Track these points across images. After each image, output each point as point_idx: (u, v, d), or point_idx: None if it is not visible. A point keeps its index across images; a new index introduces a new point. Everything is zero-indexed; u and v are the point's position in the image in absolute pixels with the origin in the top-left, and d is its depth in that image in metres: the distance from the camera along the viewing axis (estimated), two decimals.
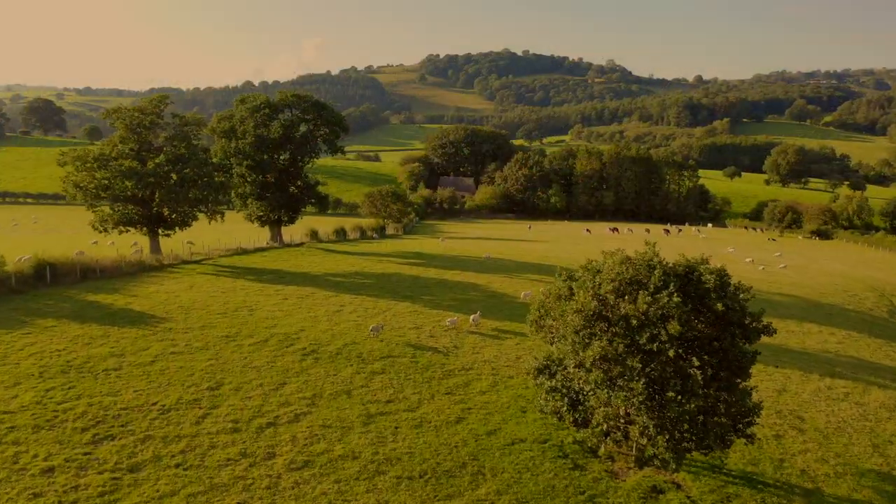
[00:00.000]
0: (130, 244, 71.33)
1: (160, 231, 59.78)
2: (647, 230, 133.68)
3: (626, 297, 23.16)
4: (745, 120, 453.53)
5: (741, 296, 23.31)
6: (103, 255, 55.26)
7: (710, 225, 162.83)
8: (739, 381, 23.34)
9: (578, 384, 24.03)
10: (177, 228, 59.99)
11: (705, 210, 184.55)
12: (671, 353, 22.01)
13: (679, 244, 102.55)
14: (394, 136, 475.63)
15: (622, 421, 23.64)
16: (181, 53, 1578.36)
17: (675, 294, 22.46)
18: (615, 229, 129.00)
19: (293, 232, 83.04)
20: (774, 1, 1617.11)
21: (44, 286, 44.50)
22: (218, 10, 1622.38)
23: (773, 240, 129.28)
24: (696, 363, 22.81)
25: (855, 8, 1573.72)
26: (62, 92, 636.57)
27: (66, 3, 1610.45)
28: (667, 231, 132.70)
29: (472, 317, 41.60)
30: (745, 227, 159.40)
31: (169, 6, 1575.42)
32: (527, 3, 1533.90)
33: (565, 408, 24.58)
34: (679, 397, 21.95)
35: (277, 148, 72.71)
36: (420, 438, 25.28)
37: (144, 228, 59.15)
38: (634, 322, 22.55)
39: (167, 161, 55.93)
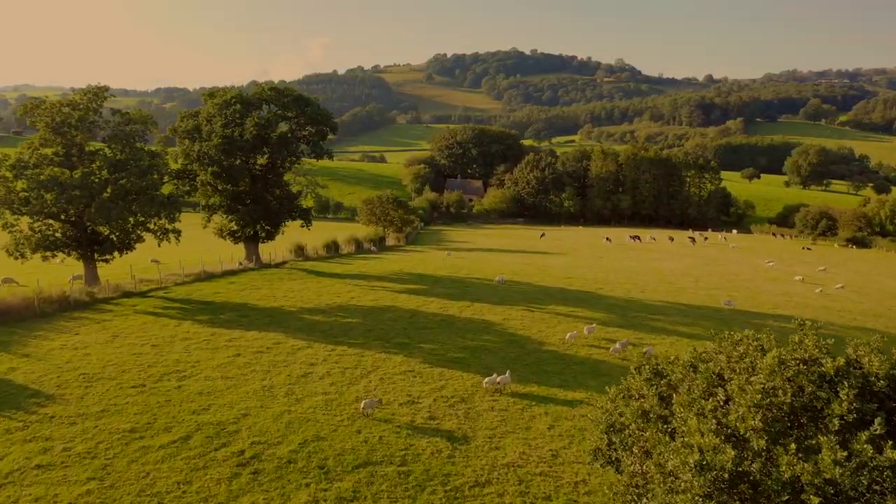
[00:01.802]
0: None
1: (96, 256, 48.36)
2: (671, 237, 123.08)
3: (793, 443, 12.32)
4: (758, 119, 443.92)
5: None
6: (24, 284, 44.30)
7: (734, 231, 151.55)
8: None
9: None
10: (117, 252, 48.45)
11: (727, 214, 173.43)
12: None
13: (712, 256, 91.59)
14: (400, 136, 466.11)
15: None
16: (187, 54, 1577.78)
17: (890, 442, 11.65)
18: (637, 237, 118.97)
19: (277, 245, 72.09)
20: (776, 1, 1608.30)
21: None
22: (224, 10, 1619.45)
23: (808, 248, 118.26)
24: None
25: (855, 8, 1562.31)
26: (67, 92, 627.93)
27: (74, 4, 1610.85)
28: (692, 239, 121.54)
29: (498, 378, 31.00)
30: (773, 234, 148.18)
31: (175, 7, 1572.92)
32: (534, 2, 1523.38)
33: None
34: None
35: (252, 151, 60.70)
36: None
37: (74, 253, 47.78)
38: (814, 499, 11.67)
39: (102, 168, 44.79)
